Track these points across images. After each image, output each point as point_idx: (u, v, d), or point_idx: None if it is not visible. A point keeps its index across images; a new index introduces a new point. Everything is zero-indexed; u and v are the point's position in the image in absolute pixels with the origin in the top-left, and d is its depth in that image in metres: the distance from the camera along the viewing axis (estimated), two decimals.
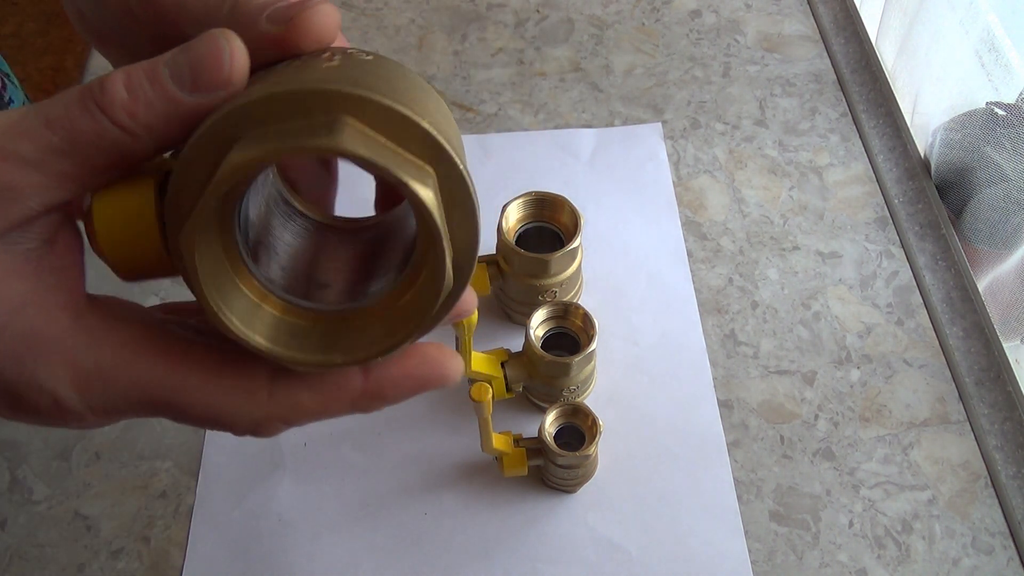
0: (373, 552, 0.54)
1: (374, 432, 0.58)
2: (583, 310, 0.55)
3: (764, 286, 0.65)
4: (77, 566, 0.54)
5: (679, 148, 0.72)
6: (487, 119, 0.74)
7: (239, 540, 0.55)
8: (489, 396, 0.45)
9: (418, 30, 0.81)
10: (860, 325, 0.63)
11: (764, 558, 0.54)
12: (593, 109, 0.75)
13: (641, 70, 0.78)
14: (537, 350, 0.53)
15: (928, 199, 0.68)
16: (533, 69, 0.78)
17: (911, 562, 0.53)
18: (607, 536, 0.54)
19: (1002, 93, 0.70)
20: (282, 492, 0.56)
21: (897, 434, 0.58)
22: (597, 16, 0.82)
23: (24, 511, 0.56)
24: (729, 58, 0.78)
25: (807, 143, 0.72)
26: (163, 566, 0.54)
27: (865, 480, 0.56)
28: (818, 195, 0.69)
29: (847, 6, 0.81)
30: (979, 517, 0.55)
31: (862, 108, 0.75)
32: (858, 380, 0.60)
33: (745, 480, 0.56)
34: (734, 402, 0.59)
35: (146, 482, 0.57)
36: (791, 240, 0.67)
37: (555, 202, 0.58)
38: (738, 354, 0.61)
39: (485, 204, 0.68)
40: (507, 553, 0.54)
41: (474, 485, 0.56)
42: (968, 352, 0.61)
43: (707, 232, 0.67)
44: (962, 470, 0.57)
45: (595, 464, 0.55)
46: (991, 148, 0.68)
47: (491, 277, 0.58)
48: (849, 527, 0.55)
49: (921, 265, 0.65)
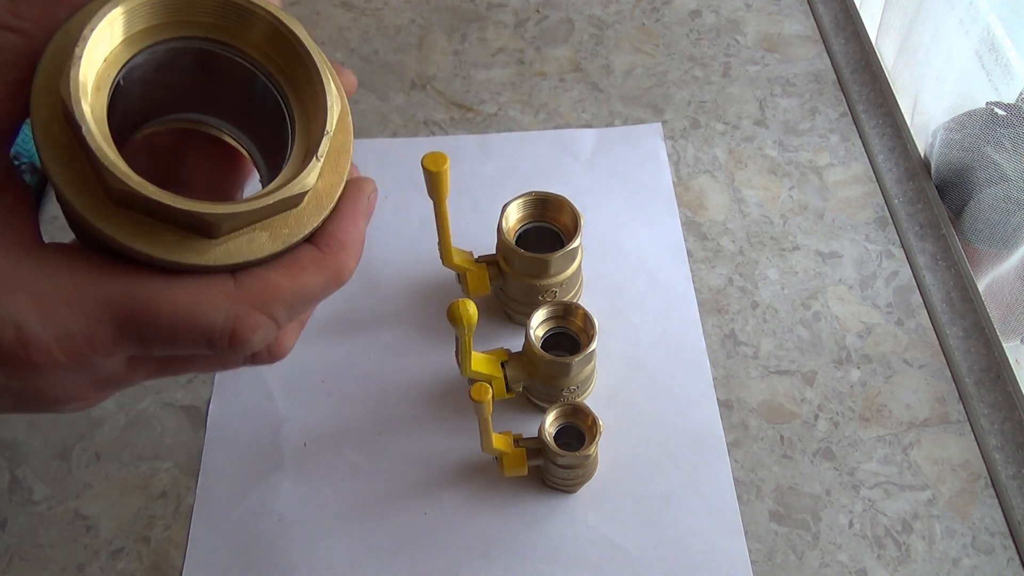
0: (373, 552, 0.54)
1: (374, 432, 0.58)
2: (583, 310, 0.55)
3: (764, 286, 0.65)
4: (77, 566, 0.54)
5: (679, 148, 0.72)
6: (487, 119, 0.74)
7: (239, 540, 0.55)
8: (489, 396, 0.45)
9: (418, 30, 0.81)
10: (860, 325, 0.63)
11: (764, 558, 0.54)
12: (593, 109, 0.75)
13: (641, 70, 0.78)
14: (537, 350, 0.53)
15: (928, 199, 0.68)
16: (533, 69, 0.78)
17: (911, 562, 0.53)
18: (607, 536, 0.54)
19: (1002, 93, 0.71)
20: (282, 492, 0.56)
21: (897, 434, 0.58)
22: (597, 16, 0.82)
23: (24, 511, 0.56)
24: (729, 58, 0.78)
25: (807, 143, 0.72)
26: (163, 566, 0.54)
27: (865, 480, 0.56)
28: (818, 195, 0.69)
29: (847, 6, 0.81)
30: (979, 517, 0.55)
31: (862, 108, 0.75)
32: (858, 380, 0.60)
33: (745, 480, 0.56)
34: (734, 402, 0.59)
35: (146, 482, 0.57)
36: (791, 240, 0.67)
37: (555, 202, 0.58)
38: (738, 354, 0.61)
39: (485, 204, 0.68)
40: (507, 553, 0.54)
41: (474, 485, 0.56)
42: (968, 352, 0.61)
43: (707, 232, 0.67)
44: (962, 470, 0.57)
45: (595, 464, 0.55)
46: (991, 148, 0.68)
47: (491, 277, 0.58)
48: (849, 527, 0.55)
49: (921, 265, 0.65)
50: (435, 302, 0.63)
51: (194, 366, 0.31)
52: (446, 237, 0.54)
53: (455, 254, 0.57)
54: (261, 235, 0.27)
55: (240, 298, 0.26)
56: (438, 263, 0.57)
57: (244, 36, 0.29)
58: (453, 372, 0.59)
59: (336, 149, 0.29)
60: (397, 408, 0.59)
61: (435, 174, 0.47)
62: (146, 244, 0.26)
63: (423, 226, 0.67)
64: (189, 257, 0.26)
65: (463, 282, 0.59)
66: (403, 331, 0.62)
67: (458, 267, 0.57)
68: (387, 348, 0.62)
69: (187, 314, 0.26)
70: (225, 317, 0.26)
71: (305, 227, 0.28)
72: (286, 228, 0.27)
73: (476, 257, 0.59)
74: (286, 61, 0.30)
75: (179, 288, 0.26)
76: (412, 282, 0.65)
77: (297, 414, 0.59)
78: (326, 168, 0.29)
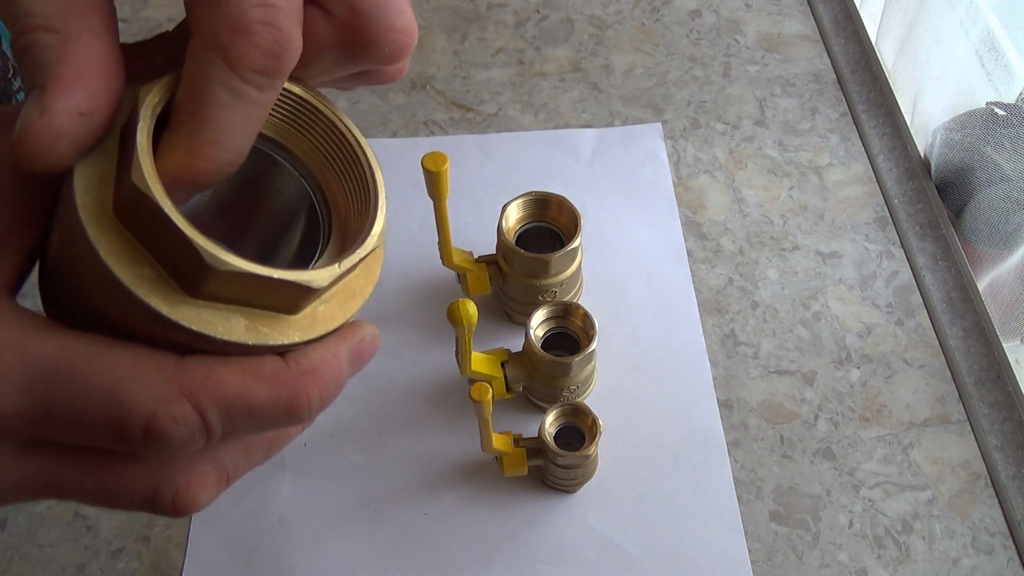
0: (373, 552, 0.54)
1: (374, 432, 0.58)
2: (583, 310, 0.55)
3: (764, 286, 0.65)
4: (77, 566, 0.54)
5: (679, 148, 0.72)
6: (487, 119, 0.74)
7: (239, 540, 0.55)
8: (489, 396, 0.45)
9: (418, 30, 0.81)
10: (860, 325, 0.63)
11: (764, 558, 0.54)
12: (593, 109, 0.75)
13: (641, 70, 0.78)
14: (537, 350, 0.53)
15: (928, 199, 0.68)
16: (533, 69, 0.78)
17: (911, 562, 0.53)
18: (607, 536, 0.54)
19: (1002, 93, 0.71)
20: (282, 492, 0.56)
21: (897, 434, 0.58)
22: (597, 16, 0.82)
23: (24, 511, 0.56)
24: (729, 58, 0.78)
25: (807, 143, 0.72)
26: (163, 566, 0.54)
27: (865, 480, 0.56)
28: (818, 195, 0.69)
29: (847, 6, 0.81)
30: (979, 517, 0.55)
31: (862, 108, 0.75)
32: (858, 380, 0.60)
33: (745, 480, 0.56)
34: (734, 402, 0.59)
35: None
36: (791, 240, 0.67)
37: (555, 202, 0.58)
38: (738, 354, 0.61)
39: (485, 204, 0.68)
40: (507, 553, 0.54)
41: (474, 485, 0.56)
42: (968, 352, 0.61)
43: (707, 232, 0.67)
44: (962, 470, 0.57)
45: (595, 464, 0.55)
46: (991, 148, 0.68)
47: (491, 277, 0.58)
48: (849, 527, 0.55)
49: (921, 265, 0.65)
50: (435, 302, 0.63)
51: (84, 487, 0.25)
52: (446, 237, 0.54)
53: (455, 254, 0.57)
54: (239, 320, 0.24)
55: (174, 380, 0.23)
56: (438, 263, 0.57)
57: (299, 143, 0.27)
58: (453, 372, 0.59)
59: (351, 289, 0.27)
60: (397, 408, 0.59)
61: (435, 174, 0.47)
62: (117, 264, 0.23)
63: (423, 226, 0.67)
64: (154, 300, 0.23)
65: (463, 282, 0.59)
66: (403, 331, 0.62)
67: (458, 267, 0.57)
68: (387, 348, 0.62)
69: (113, 384, 0.22)
70: (148, 396, 0.22)
71: (286, 335, 0.24)
72: (266, 327, 0.24)
73: (476, 257, 0.59)
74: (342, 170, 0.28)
75: (117, 356, 0.23)
76: (412, 282, 0.65)
77: None
78: (335, 297, 0.26)
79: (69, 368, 0.22)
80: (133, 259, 0.23)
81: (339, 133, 0.27)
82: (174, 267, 0.23)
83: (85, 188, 0.23)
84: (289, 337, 0.25)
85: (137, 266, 0.23)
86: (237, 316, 0.24)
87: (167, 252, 0.23)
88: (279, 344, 0.24)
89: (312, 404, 0.25)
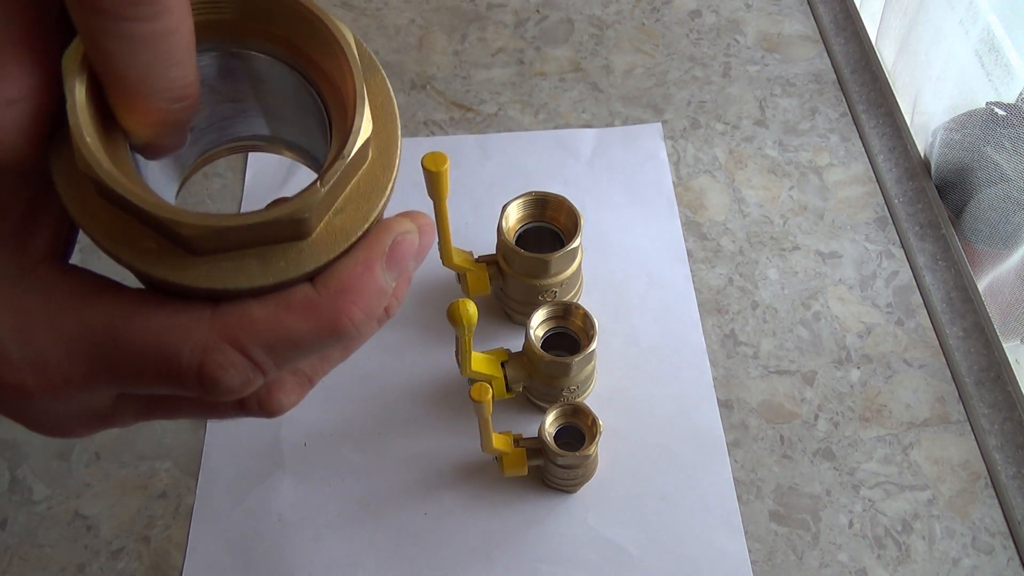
0: (373, 552, 0.54)
1: (374, 432, 0.58)
2: (583, 310, 0.55)
3: (764, 286, 0.65)
4: (77, 566, 0.54)
5: (679, 148, 0.72)
6: (487, 119, 0.74)
7: (239, 540, 0.55)
8: (489, 396, 0.45)
9: (418, 30, 0.81)
10: (860, 325, 0.63)
11: (764, 558, 0.54)
12: (593, 109, 0.75)
13: (641, 70, 0.78)
14: (537, 350, 0.53)
15: (928, 199, 0.68)
16: (533, 69, 0.78)
17: (911, 562, 0.53)
18: (607, 536, 0.54)
19: (1002, 93, 0.71)
20: (282, 492, 0.56)
21: (897, 434, 0.58)
22: (597, 16, 0.82)
23: (24, 511, 0.56)
24: (729, 58, 0.78)
25: (807, 143, 0.72)
26: (163, 566, 0.54)
27: (865, 480, 0.56)
28: (818, 195, 0.69)
29: (847, 6, 0.81)
30: (979, 517, 0.55)
31: (862, 108, 0.75)
32: (858, 380, 0.60)
33: (745, 480, 0.56)
34: (734, 402, 0.59)
35: (146, 482, 0.57)
36: (791, 240, 0.67)
37: (555, 202, 0.58)
38: (738, 354, 0.61)
39: (485, 204, 0.68)
40: (507, 553, 0.54)
41: (474, 485, 0.56)
42: (968, 352, 0.61)
43: (707, 232, 0.67)
44: (962, 470, 0.57)
45: (595, 464, 0.55)
46: (991, 148, 0.68)
47: (491, 277, 0.58)
48: (849, 527, 0.55)
49: (921, 265, 0.65)
50: (435, 302, 0.63)
51: (182, 410, 0.28)
52: (446, 237, 0.54)
53: (455, 254, 0.57)
54: (252, 263, 0.23)
55: (212, 328, 0.23)
56: (438, 263, 0.57)
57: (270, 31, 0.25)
58: (453, 372, 0.59)
59: (367, 184, 0.25)
60: (397, 408, 0.59)
61: (435, 174, 0.47)
62: (116, 245, 0.23)
63: None
64: (162, 271, 0.23)
65: (463, 282, 0.59)
66: (403, 331, 0.62)
67: (458, 267, 0.57)
68: (387, 348, 0.62)
69: (158, 338, 0.23)
70: (192, 347, 0.23)
71: (305, 264, 0.24)
72: (282, 261, 0.23)
73: (476, 257, 0.59)
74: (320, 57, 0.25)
75: (154, 314, 0.23)
76: (412, 282, 0.64)
77: (297, 414, 0.59)
78: (349, 204, 0.24)
79: (116, 333, 0.23)
80: (130, 236, 0.23)
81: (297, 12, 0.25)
82: (165, 235, 0.23)
83: (65, 180, 0.23)
84: (309, 264, 0.24)
85: (136, 241, 0.23)
86: (250, 259, 0.23)
87: (150, 224, 0.23)
88: (301, 275, 0.24)
89: (357, 321, 0.24)
